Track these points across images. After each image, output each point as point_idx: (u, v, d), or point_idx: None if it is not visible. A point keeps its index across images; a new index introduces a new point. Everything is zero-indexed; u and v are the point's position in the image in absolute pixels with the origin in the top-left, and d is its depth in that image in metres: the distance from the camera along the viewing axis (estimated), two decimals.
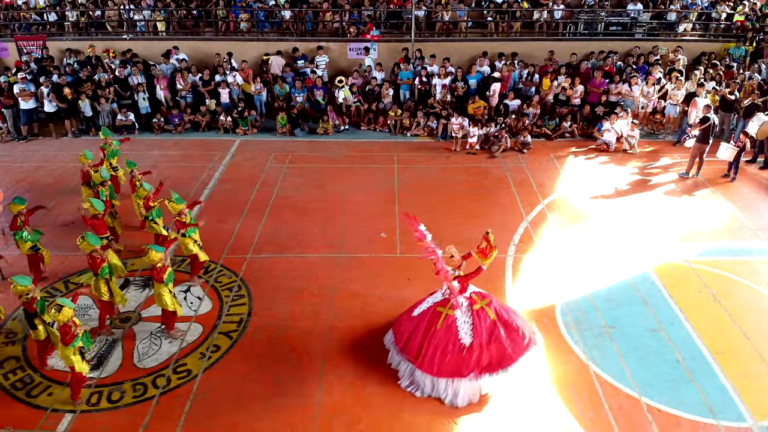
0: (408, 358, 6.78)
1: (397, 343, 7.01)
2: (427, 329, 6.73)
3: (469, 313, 6.69)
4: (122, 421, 6.41)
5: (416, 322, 6.90)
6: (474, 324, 6.65)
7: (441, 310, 6.74)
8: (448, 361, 6.57)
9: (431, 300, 6.96)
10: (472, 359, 6.56)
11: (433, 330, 6.68)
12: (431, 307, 6.87)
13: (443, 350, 6.59)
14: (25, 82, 13.86)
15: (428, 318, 6.79)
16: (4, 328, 7.85)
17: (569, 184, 11.77)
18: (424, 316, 6.86)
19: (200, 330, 7.75)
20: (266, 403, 6.59)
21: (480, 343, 6.61)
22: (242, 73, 15.18)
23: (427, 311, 6.87)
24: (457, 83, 14.57)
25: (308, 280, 8.75)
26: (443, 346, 6.60)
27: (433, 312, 6.80)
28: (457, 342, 6.58)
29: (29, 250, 8.58)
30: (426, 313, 6.86)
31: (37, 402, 6.67)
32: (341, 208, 10.89)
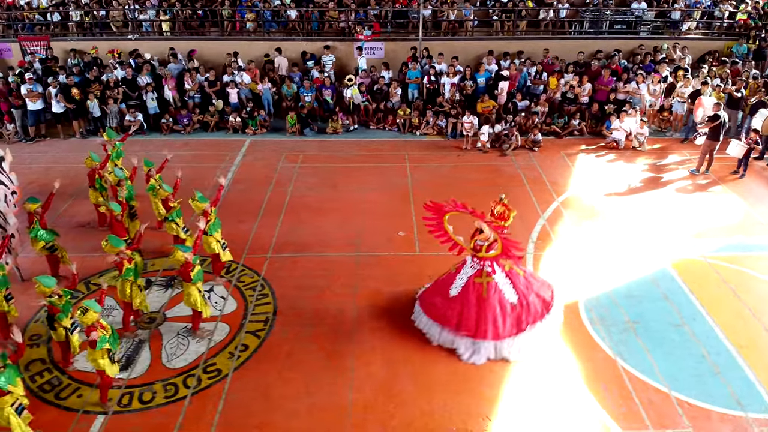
0: (467, 334, 7.14)
1: (446, 325, 7.26)
2: (478, 303, 7.16)
3: (504, 275, 7.29)
4: (155, 421, 6.39)
5: (461, 301, 7.24)
6: (513, 283, 7.30)
7: (480, 281, 7.21)
8: (505, 322, 7.15)
9: (463, 276, 7.31)
10: (523, 313, 7.22)
11: (482, 301, 7.14)
12: (468, 282, 7.26)
13: (500, 315, 7.16)
14: (33, 82, 13.74)
15: (472, 292, 7.22)
16: (28, 330, 7.79)
17: (582, 181, 11.85)
18: (466, 293, 7.24)
19: (227, 329, 7.74)
20: (299, 402, 6.59)
21: (523, 297, 7.29)
22: (249, 72, 15.13)
23: (467, 287, 7.26)
24: (465, 82, 14.61)
25: (330, 279, 8.75)
26: (497, 311, 7.16)
27: (473, 285, 7.23)
28: (506, 303, 7.20)
29: (43, 250, 8.50)
30: (467, 290, 7.25)
31: (67, 404, 6.64)
32: (357, 207, 10.89)
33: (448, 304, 7.34)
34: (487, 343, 7.06)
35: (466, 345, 7.17)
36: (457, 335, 7.21)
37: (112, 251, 7.26)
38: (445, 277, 7.63)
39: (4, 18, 17.45)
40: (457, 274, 7.43)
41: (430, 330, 7.40)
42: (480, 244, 7.22)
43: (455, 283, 7.37)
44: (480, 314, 7.15)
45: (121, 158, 10.74)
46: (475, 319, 7.15)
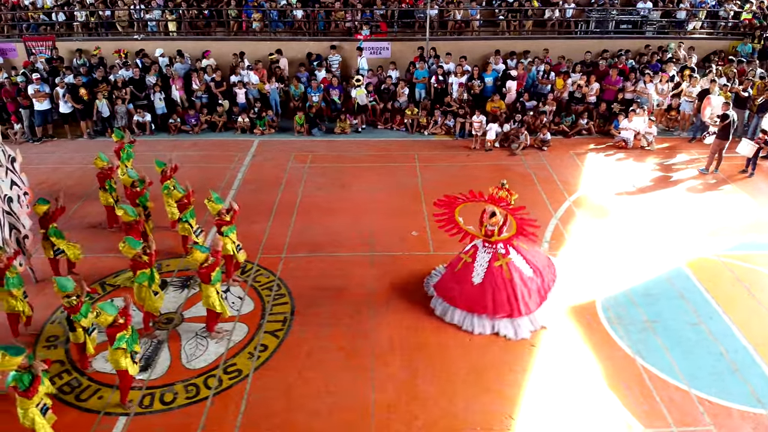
0: (504, 316, 7.51)
1: (483, 312, 7.56)
2: (505, 284, 7.54)
3: (516, 252, 7.75)
4: (178, 422, 6.37)
5: (489, 287, 7.56)
6: (524, 257, 7.75)
7: (500, 263, 7.62)
8: (531, 295, 7.65)
9: (482, 262, 7.62)
10: (541, 281, 7.77)
11: (507, 282, 7.55)
12: (490, 268, 7.59)
13: (526, 290, 7.60)
14: (40, 83, 13.68)
15: (497, 276, 7.58)
16: (44, 332, 7.76)
17: (592, 180, 11.87)
18: (492, 278, 7.58)
19: (245, 329, 7.72)
20: (321, 402, 6.58)
21: (535, 267, 7.80)
22: (257, 72, 15.11)
23: (490, 273, 7.60)
24: (473, 81, 14.62)
25: (346, 279, 8.74)
26: (524, 287, 7.60)
27: (496, 270, 7.59)
28: (526, 278, 7.66)
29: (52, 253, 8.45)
30: (491, 275, 7.59)
31: (87, 406, 6.61)
32: (368, 207, 10.88)
33: (476, 292, 7.60)
34: (524, 319, 7.49)
35: (506, 326, 7.52)
36: (495, 319, 7.53)
37: (129, 252, 7.23)
38: (462, 268, 7.82)
39: (9, 18, 17.37)
40: (474, 262, 7.71)
41: (466, 321, 7.62)
42: (491, 228, 7.57)
43: (476, 270, 7.65)
44: (510, 294, 7.54)
45: (131, 160, 10.70)
46: (507, 300, 7.53)
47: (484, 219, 7.69)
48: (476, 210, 7.97)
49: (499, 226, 7.60)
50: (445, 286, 7.94)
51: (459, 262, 7.92)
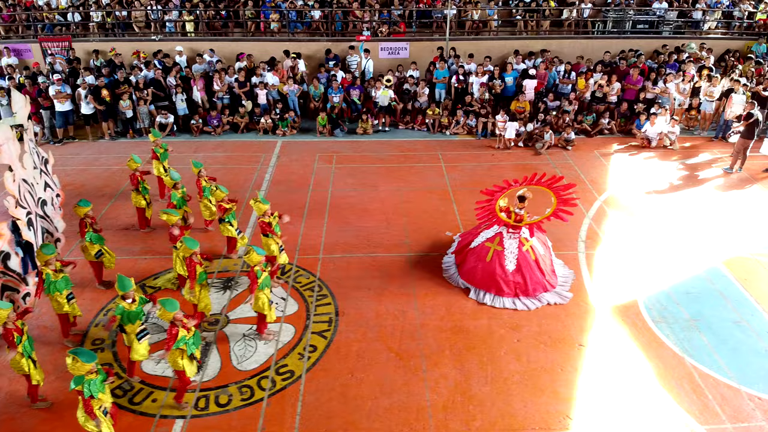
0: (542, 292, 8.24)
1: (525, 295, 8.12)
2: (536, 264, 8.21)
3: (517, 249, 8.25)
4: (236, 424, 6.35)
5: (527, 270, 8.14)
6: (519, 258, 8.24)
7: (526, 247, 8.23)
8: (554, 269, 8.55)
9: (512, 249, 8.14)
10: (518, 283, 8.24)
11: (537, 263, 8.22)
12: (520, 253, 8.16)
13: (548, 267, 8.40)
14: (61, 83, 13.61)
15: (528, 260, 8.19)
16: (89, 335, 7.72)
17: (620, 180, 11.93)
18: (525, 261, 8.16)
19: (292, 330, 7.71)
20: (377, 403, 6.58)
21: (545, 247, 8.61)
22: (276, 73, 15.08)
23: (522, 258, 8.15)
24: (494, 81, 14.65)
25: (386, 280, 8.74)
26: (544, 264, 8.36)
27: (526, 253, 8.19)
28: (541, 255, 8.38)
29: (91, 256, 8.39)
30: (524, 259, 8.16)
31: (142, 409, 6.57)
32: (399, 207, 10.89)
33: (514, 278, 8.16)
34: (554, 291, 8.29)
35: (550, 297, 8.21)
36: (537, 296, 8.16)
37: (187, 252, 7.20)
38: (494, 257, 8.21)
39: (24, 18, 17.26)
40: (504, 249, 8.14)
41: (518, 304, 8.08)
42: (521, 213, 7.98)
43: (508, 258, 8.09)
44: (540, 272, 8.24)
45: (167, 159, 10.67)
46: (542, 277, 8.24)
47: (512, 206, 8.15)
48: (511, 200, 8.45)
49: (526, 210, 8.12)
50: (483, 280, 8.23)
51: (488, 252, 8.22)
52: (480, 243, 8.41)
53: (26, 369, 6.34)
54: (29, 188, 8.17)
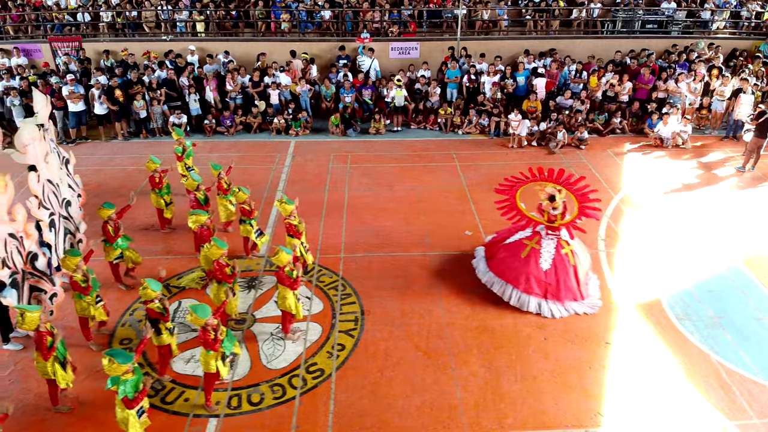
0: (571, 299, 7.99)
1: (555, 298, 7.93)
2: (573, 270, 7.98)
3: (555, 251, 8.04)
4: (269, 422, 6.38)
5: (562, 273, 7.93)
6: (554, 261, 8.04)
7: (565, 251, 8.02)
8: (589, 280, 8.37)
9: (549, 249, 7.97)
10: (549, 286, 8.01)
11: (573, 268, 8.00)
12: (557, 255, 7.97)
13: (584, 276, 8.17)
14: (74, 84, 13.60)
15: (566, 263, 7.98)
16: (116, 335, 7.73)
17: (635, 179, 11.99)
18: (561, 264, 7.96)
19: (319, 329, 7.74)
20: (409, 402, 6.61)
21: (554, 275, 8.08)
22: (289, 73, 15.10)
23: (559, 260, 7.97)
24: (506, 81, 14.70)
25: (409, 279, 8.77)
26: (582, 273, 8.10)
27: (563, 257, 7.98)
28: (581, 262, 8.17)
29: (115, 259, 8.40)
30: (560, 262, 7.97)
31: (174, 408, 6.60)
32: (416, 207, 10.93)
33: (547, 279, 7.98)
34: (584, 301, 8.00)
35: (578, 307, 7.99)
36: (565, 303, 7.96)
37: (216, 253, 7.22)
38: (530, 253, 8.08)
39: (33, 18, 17.24)
40: (541, 248, 8.01)
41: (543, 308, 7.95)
42: (554, 214, 7.85)
43: (543, 257, 7.94)
44: (575, 279, 8.01)
45: (191, 158, 10.71)
46: (574, 286, 8.00)
47: (543, 206, 8.03)
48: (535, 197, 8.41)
49: (561, 210, 7.94)
50: (513, 273, 8.15)
51: (524, 249, 8.15)
52: (516, 240, 8.33)
53: (51, 373, 6.33)
54: (54, 188, 8.17)
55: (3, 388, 6.92)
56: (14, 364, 7.26)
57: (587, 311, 7.97)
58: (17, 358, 7.36)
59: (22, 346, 7.46)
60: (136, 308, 8.22)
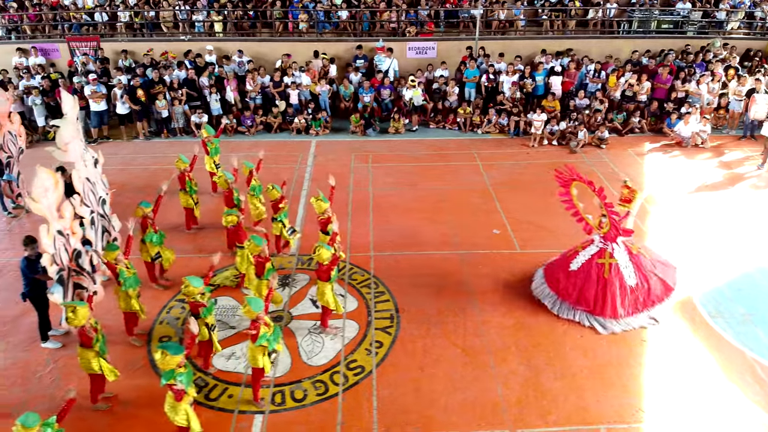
0: (586, 310, 7.74)
1: (566, 299, 7.86)
2: (599, 281, 7.70)
3: (628, 258, 7.79)
4: (314, 419, 6.44)
5: (582, 277, 7.79)
6: (636, 266, 7.80)
7: (602, 261, 7.72)
8: (624, 302, 7.68)
9: (587, 254, 7.79)
10: (642, 296, 7.74)
11: (603, 281, 7.69)
12: (591, 261, 7.79)
13: (619, 295, 7.67)
14: (96, 83, 13.66)
15: (593, 271, 7.74)
16: (154, 332, 7.79)
17: (657, 178, 12.05)
18: (588, 270, 7.78)
19: (356, 326, 7.80)
20: (451, 398, 6.67)
21: (644, 281, 7.77)
22: (308, 73, 15.16)
23: (588, 265, 7.79)
24: (525, 80, 14.77)
25: (441, 278, 8.83)
26: (617, 291, 7.67)
27: (595, 265, 7.76)
28: (626, 285, 7.70)
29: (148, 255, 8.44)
30: (588, 267, 7.78)
31: (219, 405, 6.65)
32: (441, 206, 10.99)
33: (569, 279, 7.84)
34: (604, 320, 7.65)
35: (584, 319, 7.77)
36: (576, 309, 7.80)
37: (255, 250, 7.29)
38: (570, 254, 8.05)
39: (51, 18, 17.29)
40: (582, 250, 7.94)
41: (548, 300, 8.02)
42: (605, 221, 7.73)
43: (576, 258, 7.88)
44: (600, 292, 7.71)
45: (218, 155, 10.77)
46: (594, 297, 7.73)
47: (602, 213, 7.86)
48: None
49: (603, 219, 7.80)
50: (552, 266, 8.26)
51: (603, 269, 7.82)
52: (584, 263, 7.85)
53: (97, 368, 6.39)
54: (91, 186, 8.23)
55: (43, 387, 6.97)
56: (54, 362, 7.33)
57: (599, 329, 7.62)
58: (56, 356, 7.42)
59: (60, 344, 7.53)
60: (172, 306, 8.29)
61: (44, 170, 6.76)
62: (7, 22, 17.34)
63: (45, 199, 6.69)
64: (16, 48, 16.23)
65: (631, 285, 7.74)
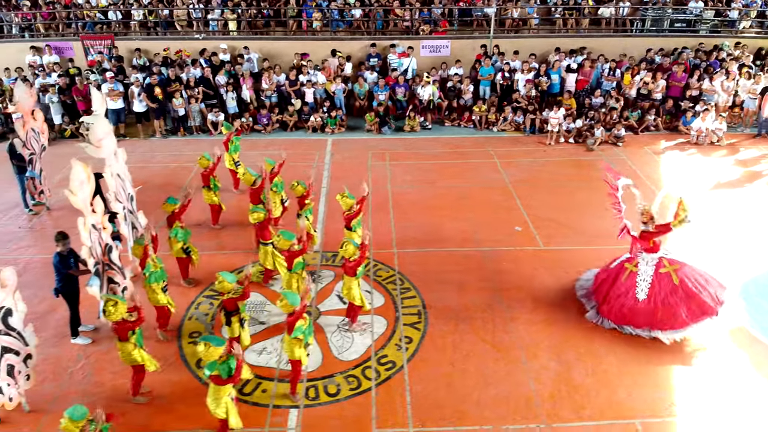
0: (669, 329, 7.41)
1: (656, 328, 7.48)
2: (614, 280, 7.71)
3: (652, 274, 7.51)
4: (348, 413, 6.46)
5: (607, 275, 7.86)
6: (653, 284, 7.49)
7: (627, 266, 7.70)
8: (621, 309, 7.57)
9: (645, 277, 7.60)
10: (642, 313, 7.46)
11: (618, 282, 7.65)
12: (621, 264, 7.80)
13: (620, 299, 7.59)
14: (114, 81, 13.69)
15: (616, 271, 7.78)
16: (184, 329, 7.82)
17: (676, 175, 12.07)
18: (614, 270, 7.82)
19: (384, 322, 7.82)
20: (484, 393, 6.68)
21: (654, 301, 7.44)
22: (324, 71, 15.19)
23: (618, 267, 7.80)
24: (540, 78, 14.79)
25: (465, 274, 8.85)
26: (621, 295, 7.60)
27: (621, 267, 7.77)
28: (632, 295, 7.54)
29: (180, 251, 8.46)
30: (617, 268, 7.81)
31: (253, 399, 6.67)
32: (461, 203, 11.01)
33: (640, 309, 7.45)
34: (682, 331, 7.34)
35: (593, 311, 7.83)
36: (591, 299, 7.92)
37: (285, 245, 7.32)
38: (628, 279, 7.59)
39: (64, 16, 17.32)
40: (637, 276, 7.53)
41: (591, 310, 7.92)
42: (648, 231, 7.49)
43: (639, 286, 7.50)
44: (609, 291, 7.68)
45: (238, 152, 10.80)
46: (604, 293, 7.73)
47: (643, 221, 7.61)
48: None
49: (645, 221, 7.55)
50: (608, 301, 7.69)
51: (624, 273, 7.67)
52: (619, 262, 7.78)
53: (138, 359, 6.43)
54: (122, 183, 8.26)
55: (76, 382, 6.99)
56: (85, 358, 7.35)
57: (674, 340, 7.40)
58: (87, 352, 7.44)
59: (90, 340, 7.56)
60: (200, 302, 8.32)
61: (79, 163, 6.78)
62: (21, 20, 17.36)
63: (81, 192, 6.71)
64: (29, 46, 16.28)
65: (638, 298, 7.48)
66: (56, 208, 10.93)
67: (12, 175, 11.00)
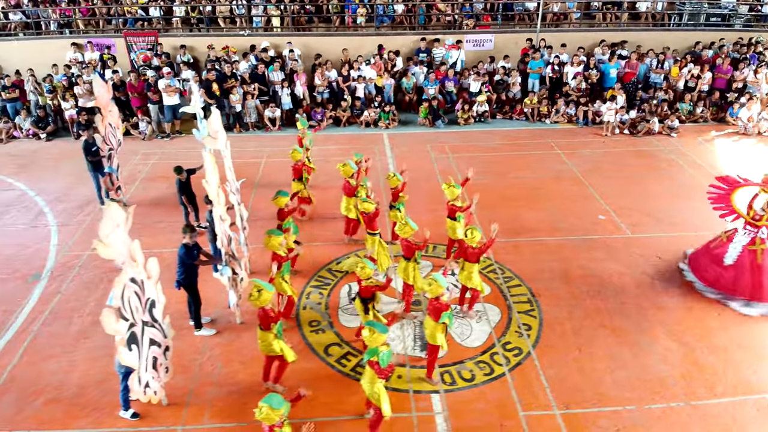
0: (743, 298, 7.86)
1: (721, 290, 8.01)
2: (752, 268, 7.84)
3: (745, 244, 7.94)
4: (492, 397, 6.57)
5: (736, 269, 7.93)
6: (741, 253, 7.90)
7: (754, 248, 7.86)
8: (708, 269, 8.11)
9: (737, 245, 7.95)
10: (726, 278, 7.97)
11: (756, 267, 7.82)
12: (743, 251, 7.93)
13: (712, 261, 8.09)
14: (170, 77, 13.61)
15: (746, 259, 7.88)
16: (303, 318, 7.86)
17: (733, 164, 12.32)
18: (741, 261, 7.92)
19: (497, 311, 7.94)
20: (617, 375, 6.83)
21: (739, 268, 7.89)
22: (374, 66, 15.24)
23: (742, 256, 7.92)
24: (590, 71, 15.00)
25: (563, 262, 9.00)
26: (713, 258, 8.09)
27: (747, 253, 7.89)
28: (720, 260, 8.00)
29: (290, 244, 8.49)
30: (742, 258, 7.92)
31: (392, 385, 6.73)
32: (535, 193, 11.17)
33: (722, 272, 8.01)
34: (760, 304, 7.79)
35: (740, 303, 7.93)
36: (736, 298, 7.95)
37: (408, 233, 7.41)
38: (718, 246, 8.19)
39: (105, 12, 17.14)
40: (730, 243, 8.02)
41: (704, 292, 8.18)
42: (761, 213, 7.78)
43: (729, 252, 7.98)
44: (755, 279, 7.84)
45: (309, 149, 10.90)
46: (750, 284, 7.86)
47: (753, 203, 7.95)
48: None
49: None
50: (699, 259, 8.39)
51: (716, 240, 8.28)
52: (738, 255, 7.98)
53: (278, 350, 6.47)
54: (232, 176, 8.29)
55: (206, 373, 7.02)
56: (209, 350, 7.37)
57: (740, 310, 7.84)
58: (210, 344, 7.46)
59: (215, 331, 7.58)
60: (309, 292, 8.37)
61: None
62: (59, 16, 17.14)
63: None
64: (70, 43, 16.10)
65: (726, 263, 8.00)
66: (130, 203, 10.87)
67: (82, 171, 10.94)
